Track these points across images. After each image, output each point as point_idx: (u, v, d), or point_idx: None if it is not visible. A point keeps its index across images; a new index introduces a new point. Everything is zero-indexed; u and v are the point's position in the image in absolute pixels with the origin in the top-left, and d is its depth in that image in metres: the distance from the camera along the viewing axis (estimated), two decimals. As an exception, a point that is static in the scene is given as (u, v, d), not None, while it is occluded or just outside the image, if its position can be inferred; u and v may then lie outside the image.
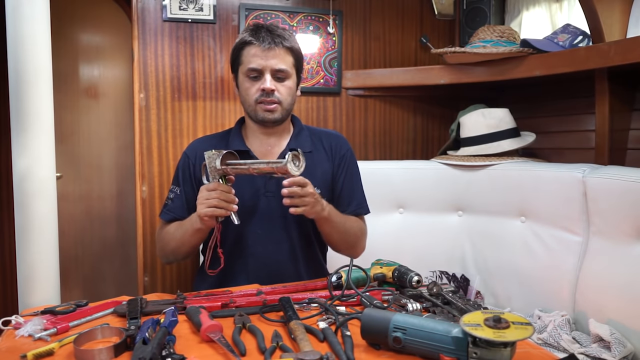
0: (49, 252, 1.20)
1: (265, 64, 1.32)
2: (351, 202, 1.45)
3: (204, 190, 1.21)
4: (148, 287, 1.93)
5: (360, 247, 1.46)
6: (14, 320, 0.95)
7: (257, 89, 1.34)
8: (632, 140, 1.73)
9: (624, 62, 1.50)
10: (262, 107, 1.35)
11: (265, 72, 1.33)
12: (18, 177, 1.17)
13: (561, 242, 1.58)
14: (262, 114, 1.35)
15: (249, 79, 1.35)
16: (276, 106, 1.35)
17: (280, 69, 1.33)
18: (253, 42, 1.33)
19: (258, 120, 1.37)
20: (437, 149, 2.30)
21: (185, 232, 1.31)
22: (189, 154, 1.45)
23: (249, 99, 1.36)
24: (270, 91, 1.33)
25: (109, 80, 2.64)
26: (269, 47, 1.32)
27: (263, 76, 1.33)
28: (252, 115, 1.38)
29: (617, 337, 1.28)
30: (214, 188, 1.19)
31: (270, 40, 1.32)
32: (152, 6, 1.90)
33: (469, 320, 0.76)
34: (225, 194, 1.19)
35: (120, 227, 2.68)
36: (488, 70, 1.92)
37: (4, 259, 2.51)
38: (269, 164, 1.14)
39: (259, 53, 1.32)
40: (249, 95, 1.36)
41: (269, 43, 1.32)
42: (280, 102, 1.35)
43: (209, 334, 0.87)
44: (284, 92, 1.36)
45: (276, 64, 1.33)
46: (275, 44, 1.32)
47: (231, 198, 1.19)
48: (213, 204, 1.18)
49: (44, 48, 1.18)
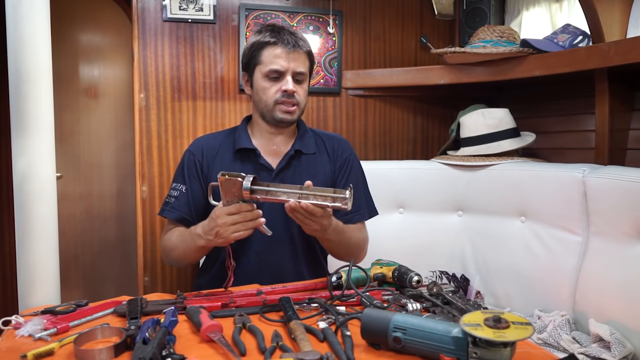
0: (49, 252, 1.20)
1: (288, 66, 1.34)
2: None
3: (223, 215, 1.12)
4: (148, 287, 1.93)
5: (362, 257, 1.45)
6: (14, 320, 0.95)
7: (277, 89, 1.35)
8: (632, 140, 1.73)
9: (624, 62, 1.50)
10: (282, 107, 1.36)
11: (287, 74, 1.34)
12: (18, 177, 1.16)
13: (561, 242, 1.58)
14: (282, 115, 1.36)
15: (269, 79, 1.35)
16: (295, 108, 1.37)
17: (301, 72, 1.36)
18: (277, 43, 1.33)
19: (275, 120, 1.38)
20: (437, 149, 2.30)
21: (188, 247, 1.29)
22: (194, 151, 1.44)
23: (268, 100, 1.36)
24: (292, 93, 1.34)
25: (109, 81, 2.64)
26: (293, 50, 1.33)
27: (284, 77, 1.34)
28: (268, 115, 1.38)
29: (617, 337, 1.28)
30: (237, 211, 1.11)
31: (295, 43, 1.34)
32: (152, 6, 1.90)
33: (469, 320, 0.76)
34: (249, 214, 1.12)
35: (120, 227, 2.68)
36: (488, 70, 1.92)
37: (4, 259, 2.51)
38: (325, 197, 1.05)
39: (283, 55, 1.33)
40: (267, 95, 1.36)
41: (293, 46, 1.33)
42: (298, 104, 1.37)
43: (209, 334, 0.87)
44: (302, 94, 1.38)
45: (297, 67, 1.35)
46: (299, 46, 1.34)
47: (257, 214, 1.13)
48: (240, 228, 1.12)
49: (44, 48, 1.18)
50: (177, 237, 1.34)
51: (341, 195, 1.04)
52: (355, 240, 1.39)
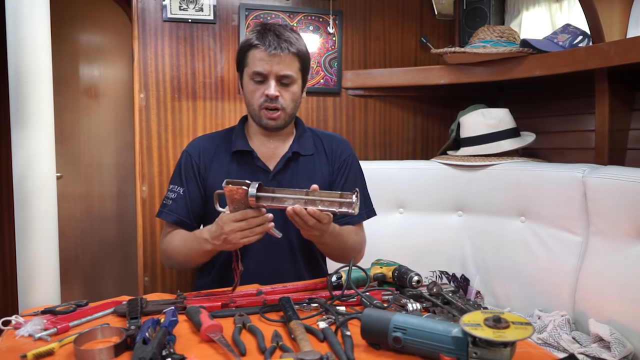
0: (49, 251, 1.20)
1: (270, 69, 1.30)
2: None
3: (230, 222, 1.10)
4: (148, 287, 1.93)
5: (359, 259, 1.43)
6: (14, 320, 0.95)
7: (261, 93, 1.32)
8: (632, 140, 1.73)
9: (624, 62, 1.50)
10: (266, 113, 1.33)
11: (270, 78, 1.31)
12: (18, 174, 1.16)
13: (561, 242, 1.58)
14: (265, 120, 1.34)
15: (254, 82, 1.33)
16: (279, 114, 1.33)
17: (286, 75, 1.31)
18: (259, 45, 1.29)
19: (261, 125, 1.37)
20: (437, 149, 2.30)
21: (193, 251, 1.28)
22: (191, 153, 1.43)
23: (253, 103, 1.35)
24: (274, 97, 1.31)
25: (109, 81, 2.64)
26: (275, 53, 1.28)
27: (268, 81, 1.31)
28: (256, 119, 1.37)
29: (617, 337, 1.28)
30: (243, 218, 1.10)
31: (277, 45, 1.28)
32: (152, 6, 1.90)
33: (469, 320, 0.76)
34: (256, 220, 1.10)
35: (120, 227, 2.68)
36: (488, 70, 1.92)
37: (4, 259, 2.51)
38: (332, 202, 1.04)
39: (264, 57, 1.29)
40: (253, 99, 1.34)
41: (275, 48, 1.28)
42: (283, 109, 1.33)
43: (209, 334, 0.87)
44: (288, 98, 1.34)
45: (281, 70, 1.30)
46: (281, 49, 1.28)
47: (264, 220, 1.10)
48: (247, 234, 1.11)
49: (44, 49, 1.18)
50: (180, 241, 1.33)
51: (348, 200, 1.04)
52: (352, 243, 1.37)
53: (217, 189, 1.14)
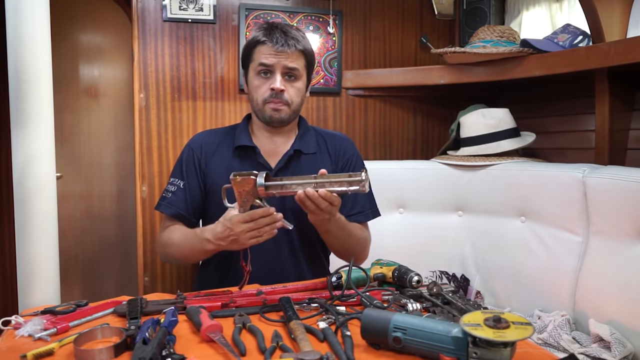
0: (49, 251, 1.20)
1: (277, 62, 1.31)
2: (353, 207, 1.41)
3: (238, 223, 1.11)
4: (148, 287, 1.93)
5: (363, 257, 1.44)
6: (14, 320, 0.95)
7: (267, 88, 1.33)
8: (632, 140, 1.73)
9: (624, 62, 1.50)
10: (270, 106, 1.34)
11: (276, 71, 1.32)
12: (18, 174, 1.16)
13: (561, 242, 1.58)
14: (270, 112, 1.34)
15: (259, 76, 1.34)
16: (285, 106, 1.34)
17: (292, 67, 1.32)
18: (266, 42, 1.32)
19: (265, 119, 1.37)
20: (437, 149, 2.30)
21: (193, 249, 1.28)
22: (194, 147, 1.43)
23: (258, 98, 1.35)
24: (279, 91, 1.32)
25: (109, 80, 2.64)
26: (282, 50, 1.31)
27: (274, 75, 1.32)
28: (260, 114, 1.37)
29: (617, 337, 1.28)
30: (251, 219, 1.10)
31: (284, 42, 1.31)
32: (152, 6, 1.90)
33: (469, 320, 0.76)
34: (265, 219, 1.11)
35: (120, 227, 2.68)
36: (488, 70, 1.92)
37: (4, 259, 2.51)
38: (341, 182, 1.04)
39: (271, 52, 1.31)
40: (258, 93, 1.35)
41: (282, 45, 1.30)
42: (288, 104, 1.34)
43: (209, 334, 0.87)
44: (293, 94, 1.35)
45: (288, 63, 1.32)
46: (288, 46, 1.31)
47: (273, 219, 1.11)
48: (256, 234, 1.12)
49: (44, 48, 1.18)
50: (180, 237, 1.33)
51: (357, 178, 1.03)
52: (357, 237, 1.38)
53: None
